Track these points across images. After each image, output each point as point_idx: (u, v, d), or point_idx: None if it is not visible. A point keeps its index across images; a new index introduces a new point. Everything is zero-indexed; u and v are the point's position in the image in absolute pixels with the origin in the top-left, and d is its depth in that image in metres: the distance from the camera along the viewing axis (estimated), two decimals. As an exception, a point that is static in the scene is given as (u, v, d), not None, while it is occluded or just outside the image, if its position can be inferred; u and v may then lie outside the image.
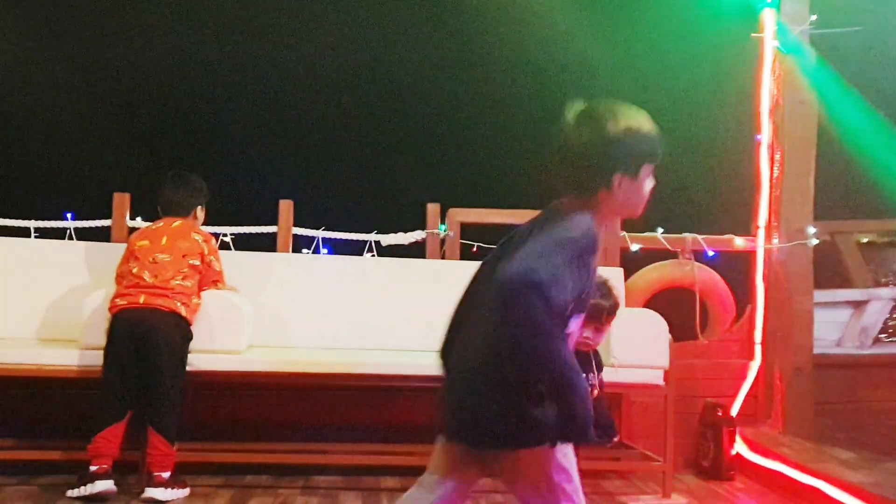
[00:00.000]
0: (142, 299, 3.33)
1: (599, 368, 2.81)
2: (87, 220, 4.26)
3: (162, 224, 3.57)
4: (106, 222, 4.24)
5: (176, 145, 4.61)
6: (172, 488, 3.20)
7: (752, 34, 4.58)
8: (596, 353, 2.80)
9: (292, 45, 4.72)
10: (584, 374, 2.51)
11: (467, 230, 4.52)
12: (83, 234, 4.23)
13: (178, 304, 3.37)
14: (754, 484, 3.91)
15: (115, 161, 4.49)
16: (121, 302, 3.35)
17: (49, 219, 4.26)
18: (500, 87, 4.93)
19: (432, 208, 4.49)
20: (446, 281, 4.24)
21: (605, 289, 2.73)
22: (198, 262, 3.51)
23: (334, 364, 3.56)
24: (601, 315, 2.71)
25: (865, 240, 5.75)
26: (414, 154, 4.86)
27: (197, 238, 3.55)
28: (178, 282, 3.41)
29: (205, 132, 4.64)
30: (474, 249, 4.56)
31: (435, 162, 4.87)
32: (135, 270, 3.40)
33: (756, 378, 4.44)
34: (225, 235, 4.28)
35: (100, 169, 4.50)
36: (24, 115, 4.52)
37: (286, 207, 4.35)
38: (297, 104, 4.75)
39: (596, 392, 2.68)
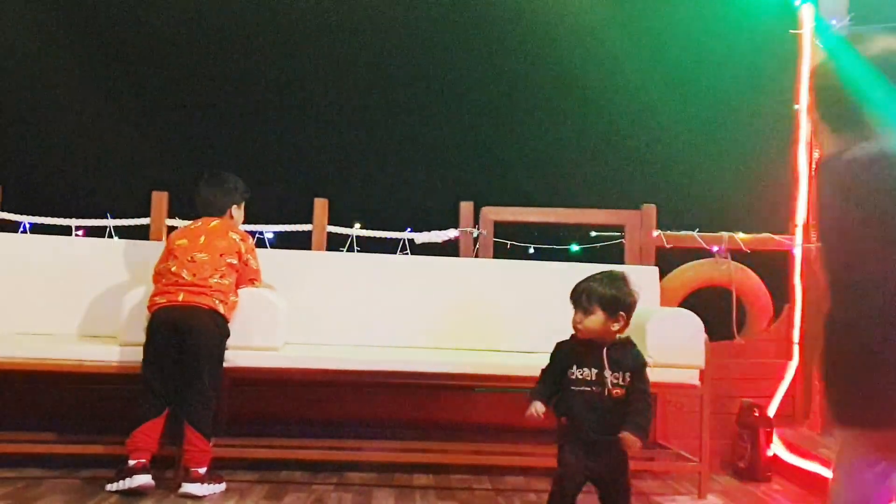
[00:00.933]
0: (181, 297, 3.37)
1: (619, 367, 2.63)
2: (127, 218, 4.34)
3: (200, 223, 3.61)
4: (144, 221, 4.31)
5: (213, 144, 4.67)
6: (208, 483, 3.24)
7: (791, 30, 4.51)
8: (615, 348, 2.65)
9: (327, 45, 4.75)
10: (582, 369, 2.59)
11: (501, 228, 4.52)
12: (122, 233, 4.31)
13: (217, 301, 3.41)
14: (791, 485, 3.86)
15: (153, 160, 4.56)
16: (160, 300, 3.39)
17: (89, 217, 4.34)
18: (534, 84, 4.92)
19: (466, 206, 4.49)
20: (480, 279, 4.25)
21: (625, 280, 2.70)
22: (235, 261, 3.54)
23: (369, 361, 3.57)
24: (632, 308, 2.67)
25: None
26: (447, 152, 4.87)
27: (234, 237, 3.59)
28: (216, 280, 3.44)
29: (241, 131, 4.70)
30: (508, 248, 4.56)
31: (468, 160, 4.87)
32: (173, 269, 3.44)
33: (794, 378, 4.37)
34: (261, 234, 4.33)
35: (138, 168, 4.58)
36: (63, 115, 4.61)
37: (321, 206, 4.39)
38: (332, 103, 4.79)
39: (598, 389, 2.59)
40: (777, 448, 4.03)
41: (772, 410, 4.26)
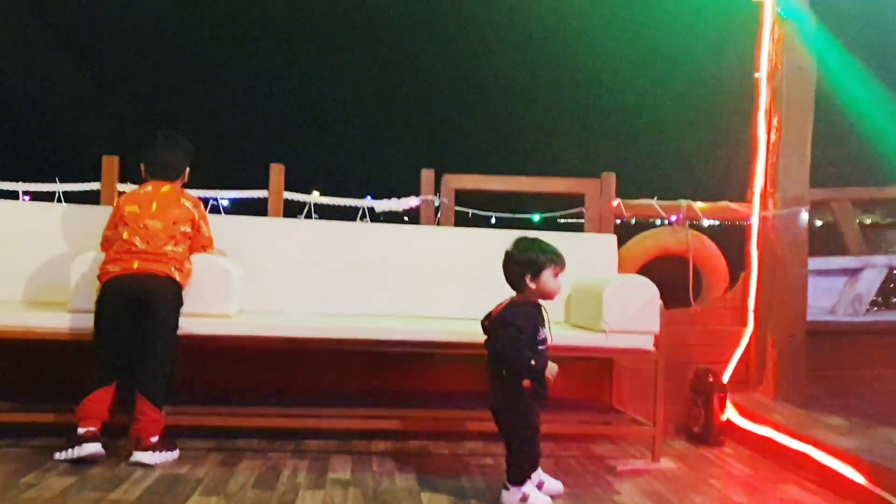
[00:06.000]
0: (136, 265, 3.30)
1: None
2: (76, 182, 4.23)
3: (150, 189, 3.52)
4: (95, 185, 4.20)
5: (165, 109, 4.57)
6: (160, 451, 3.20)
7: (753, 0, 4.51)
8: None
9: (287, 9, 4.65)
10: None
11: (462, 197, 4.49)
12: (72, 198, 4.20)
13: (173, 269, 3.35)
14: (744, 449, 3.93)
15: (104, 124, 4.45)
16: (113, 269, 3.30)
17: (37, 181, 4.23)
18: (497, 56, 4.88)
19: (427, 174, 4.45)
20: (440, 248, 4.23)
21: (540, 244, 2.99)
22: (188, 229, 3.47)
23: (325, 329, 3.54)
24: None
25: (868, 221, 5.74)
26: (409, 120, 4.82)
27: (187, 204, 3.51)
28: (170, 248, 3.37)
29: (195, 96, 4.60)
30: (469, 216, 4.54)
31: (430, 128, 4.84)
32: (125, 236, 3.36)
33: (748, 345, 4.44)
34: (215, 200, 4.25)
35: (89, 132, 4.46)
36: (12, 78, 4.46)
37: (277, 172, 4.32)
38: (291, 68, 4.70)
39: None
40: (730, 413, 4.10)
41: (726, 376, 4.33)
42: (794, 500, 3.18)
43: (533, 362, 2.84)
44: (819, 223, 4.50)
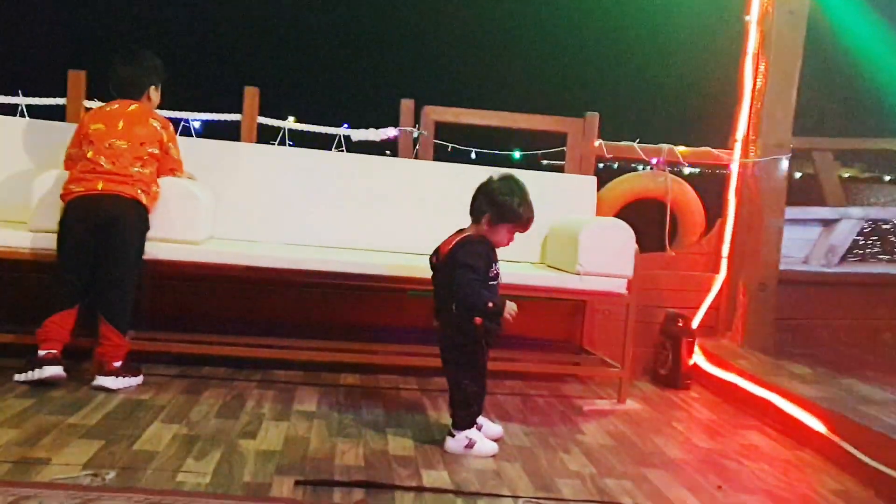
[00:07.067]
0: (100, 185, 3.20)
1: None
2: (41, 97, 4.05)
3: (117, 106, 3.39)
4: (60, 101, 4.04)
5: (137, 24, 4.36)
6: (123, 377, 3.16)
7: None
8: None
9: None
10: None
11: (443, 130, 4.39)
12: (36, 112, 4.03)
13: (139, 191, 3.25)
14: (709, 394, 3.97)
15: (71, 37, 4.24)
16: (77, 188, 3.20)
17: (-1, 94, 4.06)
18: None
19: (406, 104, 4.33)
20: (417, 181, 4.14)
21: (522, 195, 2.84)
22: (156, 151, 3.36)
23: (294, 260, 3.47)
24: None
25: (847, 175, 5.74)
26: (390, 46, 4.67)
27: (155, 125, 3.39)
28: (137, 169, 3.27)
29: (168, 10, 4.39)
30: (449, 150, 4.45)
31: (412, 57, 4.70)
32: (89, 155, 3.25)
33: (720, 291, 4.45)
34: (186, 122, 4.11)
35: (55, 44, 4.26)
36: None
37: (251, 95, 4.18)
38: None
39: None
40: (698, 358, 4.13)
41: (696, 322, 4.35)
42: (754, 445, 3.23)
43: (491, 304, 2.73)
44: (798, 175, 4.47)
